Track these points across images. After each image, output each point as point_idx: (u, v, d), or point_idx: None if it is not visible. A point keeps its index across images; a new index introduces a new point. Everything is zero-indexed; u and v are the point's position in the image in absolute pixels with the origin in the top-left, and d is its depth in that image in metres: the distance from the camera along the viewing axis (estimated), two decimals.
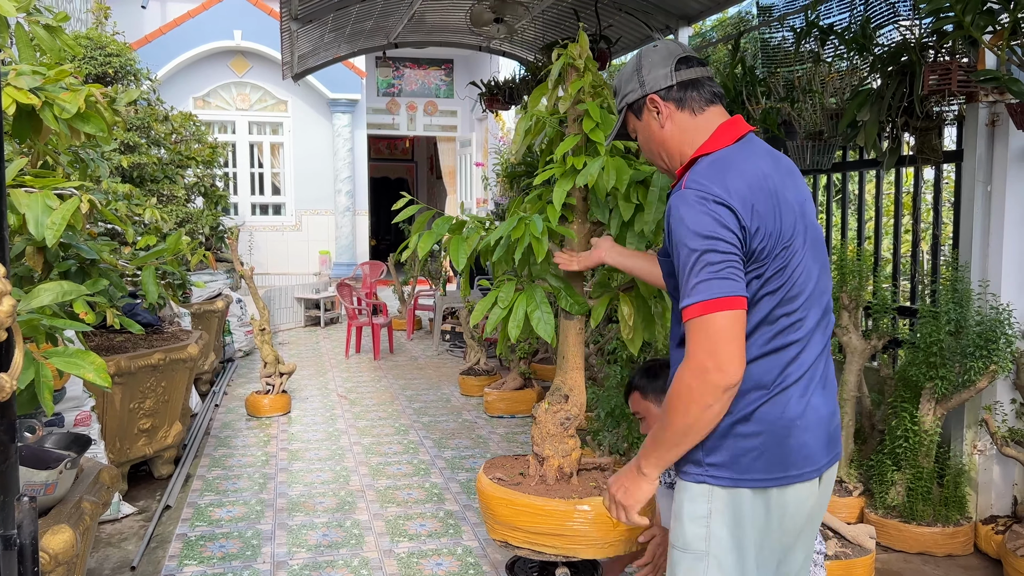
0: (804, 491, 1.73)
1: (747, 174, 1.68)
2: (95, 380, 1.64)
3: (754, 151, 1.76)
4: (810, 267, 1.73)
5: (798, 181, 1.81)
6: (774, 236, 1.66)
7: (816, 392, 1.74)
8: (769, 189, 1.68)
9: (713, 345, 1.59)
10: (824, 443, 1.74)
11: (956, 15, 3.19)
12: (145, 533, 3.79)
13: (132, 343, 4.57)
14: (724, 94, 1.86)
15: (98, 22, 7.63)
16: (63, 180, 1.98)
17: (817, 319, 1.75)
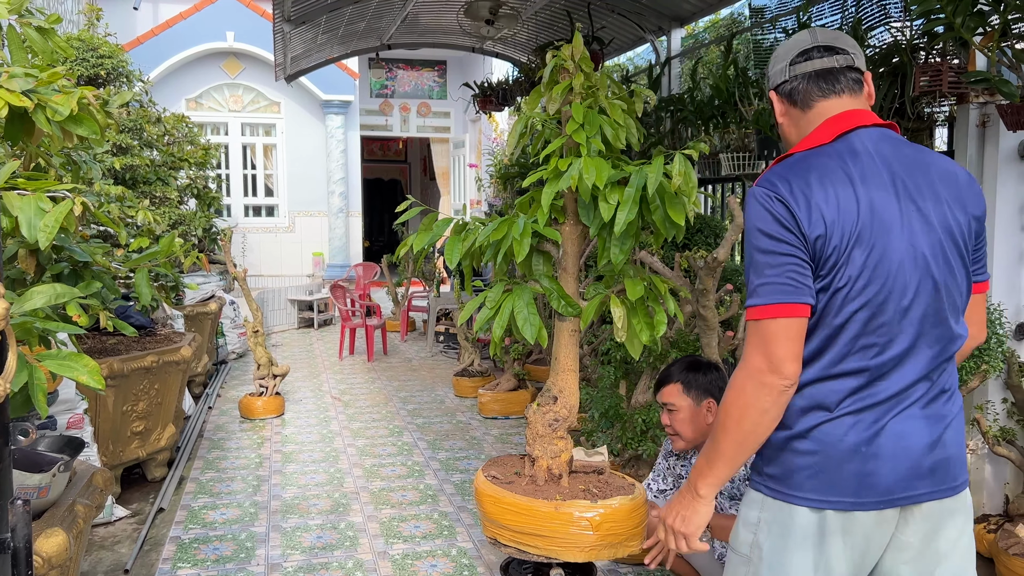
0: (869, 520, 1.62)
1: (823, 176, 1.60)
2: (89, 383, 1.63)
3: (847, 150, 1.64)
4: (904, 285, 1.59)
5: (922, 191, 1.62)
6: (841, 248, 1.57)
7: (907, 420, 1.61)
8: (848, 197, 1.58)
9: (767, 347, 1.57)
10: (907, 475, 1.61)
11: (947, 17, 3.22)
12: (138, 536, 3.78)
13: (125, 345, 4.56)
14: (857, 81, 1.71)
15: (90, 23, 7.61)
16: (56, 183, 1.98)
17: (911, 342, 1.61)
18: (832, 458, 1.61)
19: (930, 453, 1.63)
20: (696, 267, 3.40)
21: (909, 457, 1.61)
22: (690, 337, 3.99)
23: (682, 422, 2.71)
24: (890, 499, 1.62)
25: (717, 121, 5.10)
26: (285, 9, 5.81)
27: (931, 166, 1.66)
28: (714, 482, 1.70)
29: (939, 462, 1.64)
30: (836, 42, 1.73)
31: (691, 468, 2.82)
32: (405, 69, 14.18)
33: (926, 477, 1.63)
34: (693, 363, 2.78)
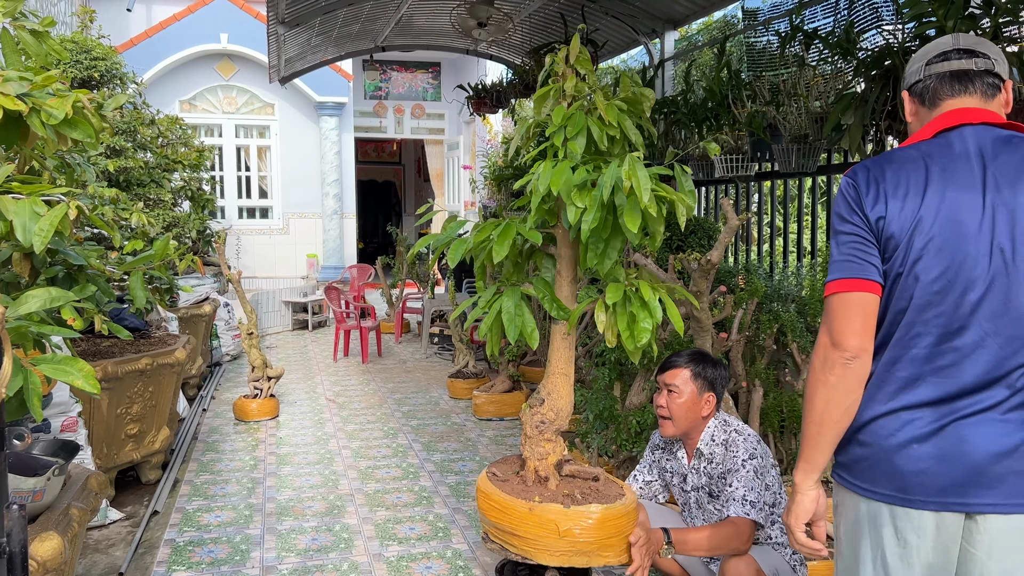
0: (924, 521, 1.60)
1: (900, 167, 1.64)
2: (84, 386, 1.63)
3: (942, 145, 1.65)
4: (971, 279, 1.58)
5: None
6: (901, 234, 1.61)
7: (977, 424, 1.57)
8: (918, 187, 1.61)
9: (830, 321, 1.64)
10: (964, 480, 1.56)
11: (938, 20, 3.23)
12: (133, 539, 3.78)
13: (119, 348, 4.55)
14: (993, 86, 1.72)
15: (83, 25, 7.59)
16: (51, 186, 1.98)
17: (978, 338, 1.58)
18: (884, 451, 1.64)
19: (1001, 462, 1.55)
20: (690, 269, 3.41)
21: (970, 462, 1.57)
22: (684, 339, 4.01)
23: (680, 407, 2.73)
24: (942, 502, 1.59)
25: (711, 123, 5.12)
26: (279, 11, 5.81)
27: (1002, 160, 1.62)
28: (806, 468, 1.72)
29: (1014, 473, 1.56)
30: (978, 46, 1.74)
31: (677, 462, 2.85)
32: (399, 71, 14.18)
33: (992, 487, 1.56)
34: (704, 355, 2.83)
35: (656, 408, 2.81)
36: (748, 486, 2.58)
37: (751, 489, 2.57)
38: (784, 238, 5.60)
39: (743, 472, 2.60)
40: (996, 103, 1.72)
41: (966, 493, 1.58)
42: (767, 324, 4.19)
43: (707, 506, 2.79)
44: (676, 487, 2.93)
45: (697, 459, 2.79)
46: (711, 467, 2.74)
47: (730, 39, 5.74)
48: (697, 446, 2.78)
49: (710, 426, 2.77)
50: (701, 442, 2.76)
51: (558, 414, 2.47)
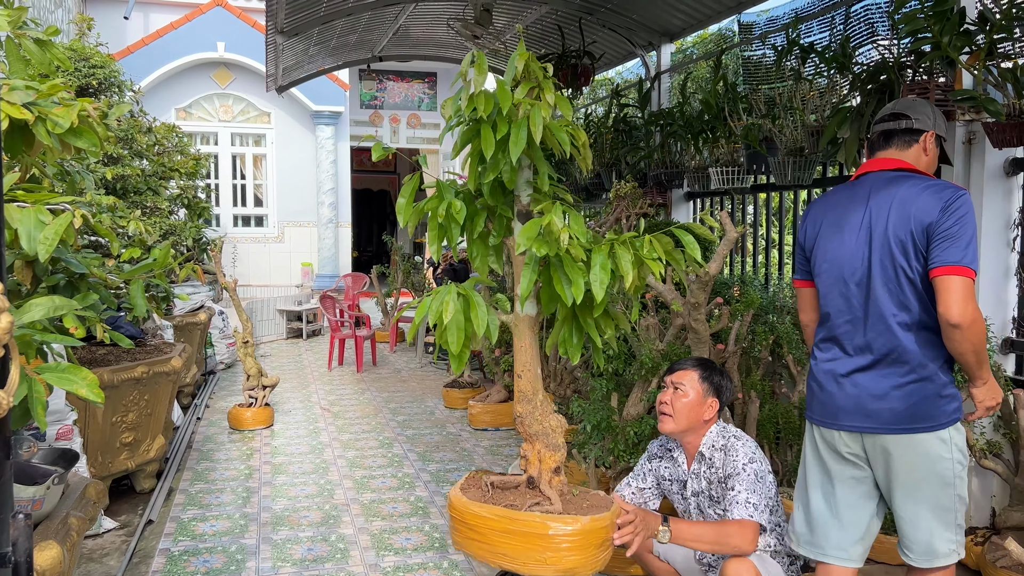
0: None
1: (817, 203, 2.67)
2: (88, 396, 1.64)
3: (853, 184, 2.53)
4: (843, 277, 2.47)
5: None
6: (807, 246, 2.66)
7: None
8: (820, 212, 2.59)
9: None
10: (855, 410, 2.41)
11: (934, 35, 3.27)
12: (127, 548, 3.76)
13: (115, 356, 4.54)
14: (910, 140, 2.47)
15: (81, 33, 7.59)
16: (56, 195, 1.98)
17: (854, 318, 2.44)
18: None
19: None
20: (688, 281, 3.43)
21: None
22: (681, 349, 4.02)
23: (684, 405, 2.78)
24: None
25: (707, 136, 5.15)
26: (278, 21, 5.83)
27: (896, 195, 2.35)
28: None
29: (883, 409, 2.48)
30: (906, 110, 2.47)
31: (676, 469, 2.87)
32: (395, 81, 14.21)
33: (872, 416, 2.42)
34: (712, 363, 2.91)
35: (659, 405, 2.85)
36: (750, 489, 2.61)
37: (753, 492, 2.61)
38: (779, 250, 5.63)
39: (744, 475, 2.64)
40: (911, 151, 2.45)
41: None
42: (763, 336, 4.21)
43: (708, 511, 2.81)
44: (675, 495, 2.94)
45: (698, 463, 2.82)
46: (711, 471, 2.77)
47: (726, 52, 5.78)
48: (699, 449, 2.81)
49: (711, 431, 2.81)
50: (703, 446, 2.80)
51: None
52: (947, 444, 2.34)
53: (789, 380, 4.20)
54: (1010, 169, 3.63)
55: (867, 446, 2.39)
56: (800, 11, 4.92)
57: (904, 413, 2.32)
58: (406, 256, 10.32)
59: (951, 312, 2.22)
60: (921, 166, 2.44)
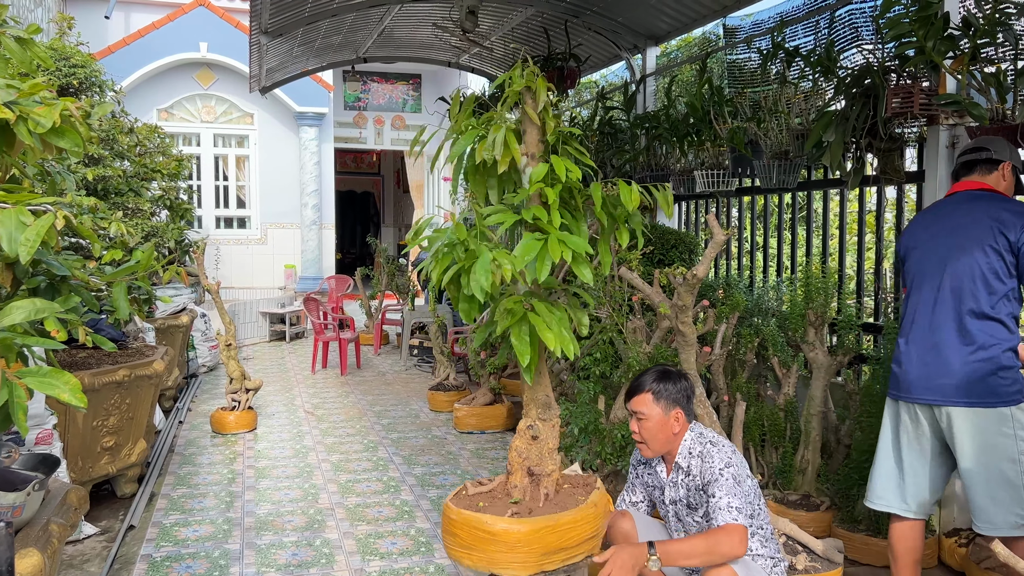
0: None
1: (916, 218, 3.21)
2: (70, 400, 1.61)
3: (942, 202, 3.05)
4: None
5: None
6: (901, 252, 3.16)
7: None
8: (917, 226, 3.09)
9: None
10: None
11: (918, 40, 3.30)
12: (108, 554, 3.71)
13: (96, 359, 4.48)
14: (989, 168, 2.95)
15: (61, 32, 7.50)
16: (37, 195, 1.95)
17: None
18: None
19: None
20: (675, 283, 3.43)
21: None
22: (667, 352, 4.02)
23: (650, 430, 2.76)
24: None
25: (692, 138, 5.16)
26: (262, 21, 5.79)
27: (981, 208, 2.85)
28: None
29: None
30: (985, 144, 2.94)
31: (656, 476, 2.87)
32: (380, 82, 14.17)
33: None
34: (663, 372, 2.84)
35: (632, 435, 2.84)
36: (731, 493, 2.60)
37: (734, 495, 2.60)
38: (764, 253, 5.65)
39: (722, 480, 2.63)
40: (991, 177, 2.92)
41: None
42: (748, 338, 4.22)
43: (686, 519, 2.81)
44: (658, 500, 2.95)
45: (676, 472, 2.81)
46: (689, 479, 2.76)
47: (711, 55, 5.81)
48: (676, 460, 2.81)
49: (686, 439, 2.79)
50: (679, 455, 2.79)
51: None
52: (1010, 421, 2.73)
53: (774, 382, 4.21)
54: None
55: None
56: (785, 15, 4.95)
57: (969, 388, 2.75)
58: (390, 258, 10.28)
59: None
60: (1000, 189, 2.91)
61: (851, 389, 4.08)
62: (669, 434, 2.77)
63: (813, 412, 3.91)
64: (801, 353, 4.07)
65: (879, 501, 3.02)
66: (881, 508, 3.02)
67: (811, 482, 3.90)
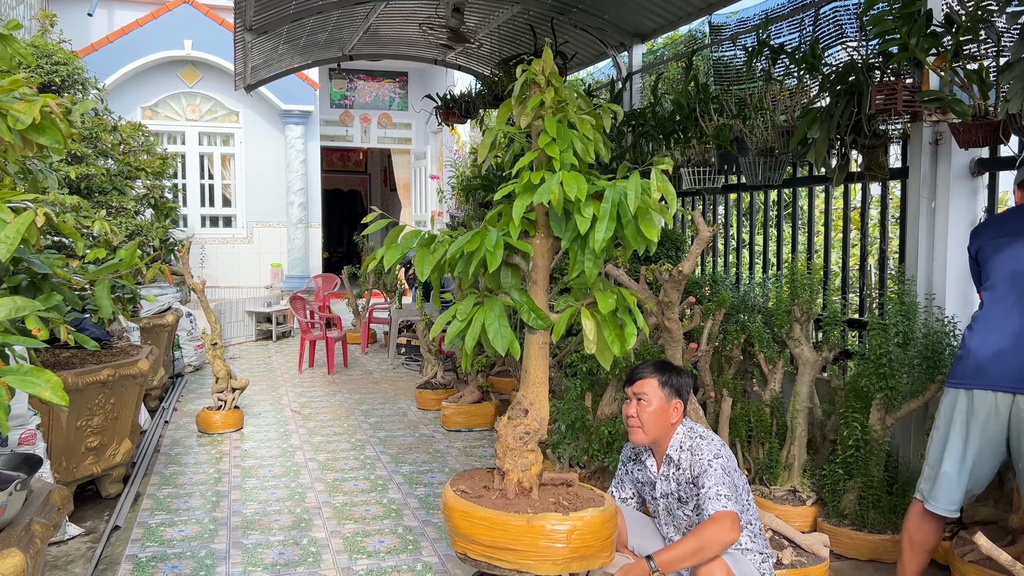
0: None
1: (989, 220, 3.23)
2: (52, 399, 1.59)
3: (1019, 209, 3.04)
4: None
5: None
6: (983, 255, 3.06)
7: None
8: (993, 229, 3.05)
9: None
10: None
11: (902, 37, 3.31)
12: (93, 555, 3.68)
13: (80, 359, 4.45)
14: None
15: (43, 30, 7.44)
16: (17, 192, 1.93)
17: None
18: None
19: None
20: (661, 280, 3.44)
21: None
22: (654, 348, 4.03)
23: (650, 415, 2.79)
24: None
25: (678, 136, 5.17)
26: (247, 18, 5.75)
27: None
28: None
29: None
30: None
31: (646, 471, 2.88)
32: (366, 80, 14.13)
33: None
34: (667, 364, 2.90)
35: (626, 418, 2.85)
36: (720, 482, 2.63)
37: (723, 484, 2.63)
38: (750, 250, 5.67)
39: (711, 471, 2.66)
40: None
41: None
42: (734, 335, 4.24)
43: (676, 512, 2.82)
44: (647, 496, 2.97)
45: (667, 466, 2.83)
46: (679, 473, 2.79)
47: (697, 53, 5.82)
48: (667, 452, 2.83)
49: (678, 432, 2.83)
50: (671, 448, 2.82)
51: (541, 424, 2.47)
52: None
53: (760, 378, 4.23)
54: (976, 169, 3.69)
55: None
56: (770, 12, 4.96)
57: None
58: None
59: None
60: None
61: (836, 385, 4.10)
62: (666, 423, 2.81)
63: (799, 408, 3.93)
64: (787, 349, 4.09)
65: (941, 504, 2.90)
66: (943, 512, 2.92)
67: (797, 477, 3.92)
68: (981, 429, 2.82)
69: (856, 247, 4.94)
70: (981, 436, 2.82)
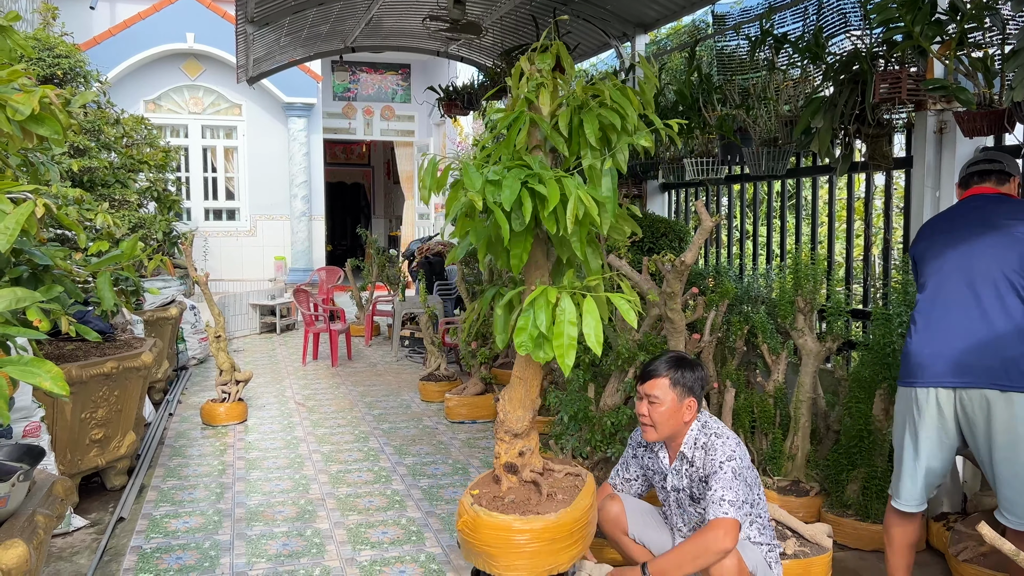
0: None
1: (931, 220, 3.18)
2: (52, 389, 1.59)
3: (959, 205, 3.07)
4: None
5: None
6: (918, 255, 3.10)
7: None
8: (933, 228, 3.08)
9: None
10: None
11: (906, 25, 3.29)
12: (98, 546, 3.70)
13: (84, 351, 4.45)
14: (1002, 179, 3.01)
15: (45, 23, 7.43)
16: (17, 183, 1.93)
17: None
18: None
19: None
20: (664, 270, 3.43)
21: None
22: (657, 339, 4.02)
23: (661, 415, 2.75)
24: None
25: (681, 126, 5.14)
26: (248, 10, 5.74)
27: (1003, 211, 2.90)
28: None
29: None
30: (997, 156, 3.04)
31: (658, 461, 2.87)
32: (368, 72, 14.10)
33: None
34: (681, 359, 2.83)
35: (639, 416, 2.82)
36: (726, 487, 2.60)
37: (729, 489, 2.60)
38: (753, 241, 5.65)
39: (721, 474, 2.63)
40: (1005, 187, 3.00)
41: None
42: (738, 326, 4.23)
43: (688, 508, 2.80)
44: (658, 485, 2.96)
45: (679, 461, 2.81)
46: (692, 470, 2.76)
47: (700, 43, 5.79)
48: (680, 449, 2.80)
49: (692, 429, 2.79)
50: (684, 445, 2.78)
51: (506, 416, 2.47)
52: None
53: (764, 369, 4.22)
54: None
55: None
56: (773, 2, 4.93)
57: (1007, 372, 2.71)
58: (381, 249, 10.25)
59: None
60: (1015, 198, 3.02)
61: (840, 375, 4.09)
62: (679, 422, 2.77)
63: (802, 399, 3.92)
64: (790, 340, 4.08)
65: (906, 502, 2.92)
66: (908, 510, 2.93)
67: (800, 468, 3.92)
68: (928, 426, 2.85)
69: (860, 237, 4.92)
70: (929, 433, 2.85)
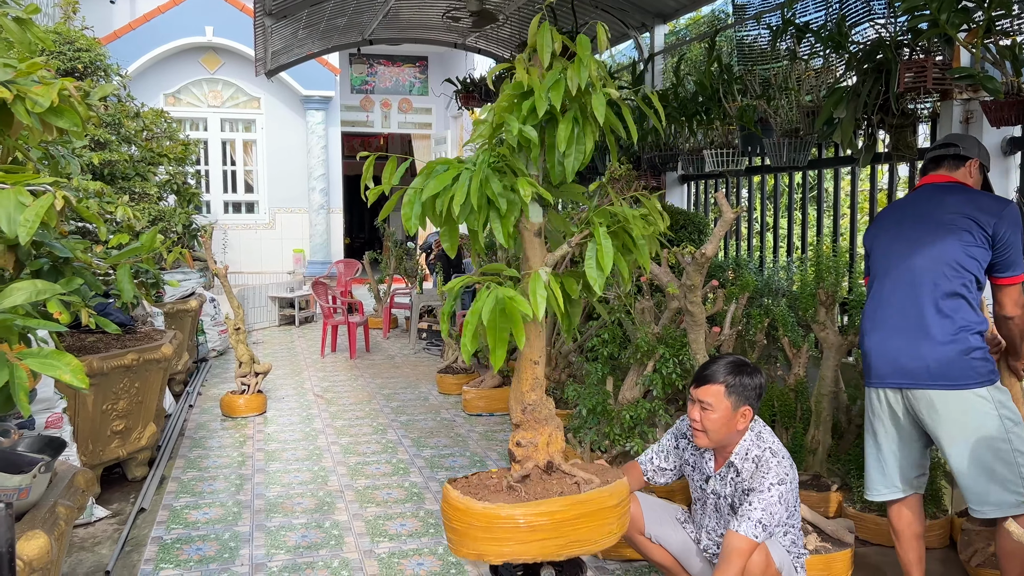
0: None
1: (888, 208, 3.17)
2: (72, 381, 1.59)
3: (911, 194, 3.05)
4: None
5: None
6: (869, 244, 3.17)
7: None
8: (884, 218, 3.09)
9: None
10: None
11: (931, 13, 3.22)
12: (119, 537, 3.73)
13: (105, 343, 4.49)
14: (957, 164, 2.94)
15: (66, 16, 7.48)
16: (37, 176, 1.93)
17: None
18: None
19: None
20: (684, 263, 3.40)
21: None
22: (676, 333, 3.99)
23: (714, 422, 2.61)
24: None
25: (701, 117, 5.10)
26: (266, 3, 5.74)
27: (951, 199, 2.86)
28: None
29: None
30: (954, 140, 2.99)
31: (702, 462, 2.78)
32: (386, 65, 14.10)
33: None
34: (740, 365, 2.66)
35: (690, 420, 2.69)
36: (768, 511, 2.49)
37: (770, 514, 2.49)
38: (774, 233, 5.60)
39: (767, 495, 2.51)
40: (958, 172, 2.93)
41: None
42: (758, 319, 4.19)
43: (726, 515, 2.71)
44: (694, 482, 2.84)
45: (727, 468, 2.69)
46: (738, 480, 2.64)
47: (720, 33, 5.73)
48: (730, 459, 2.67)
49: (745, 439, 2.65)
50: (735, 455, 2.65)
51: (509, 407, 2.46)
52: (989, 401, 2.72)
53: (784, 362, 4.18)
54: (1007, 148, 3.60)
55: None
56: None
57: (946, 371, 2.74)
58: (399, 242, 10.27)
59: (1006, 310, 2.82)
60: (968, 184, 2.92)
61: (862, 369, 4.04)
62: (732, 429, 2.62)
63: (824, 392, 3.88)
64: (811, 333, 4.03)
65: (874, 492, 3.02)
66: (877, 499, 3.03)
67: (822, 462, 3.88)
68: (885, 423, 2.92)
69: None
70: (887, 429, 2.92)
